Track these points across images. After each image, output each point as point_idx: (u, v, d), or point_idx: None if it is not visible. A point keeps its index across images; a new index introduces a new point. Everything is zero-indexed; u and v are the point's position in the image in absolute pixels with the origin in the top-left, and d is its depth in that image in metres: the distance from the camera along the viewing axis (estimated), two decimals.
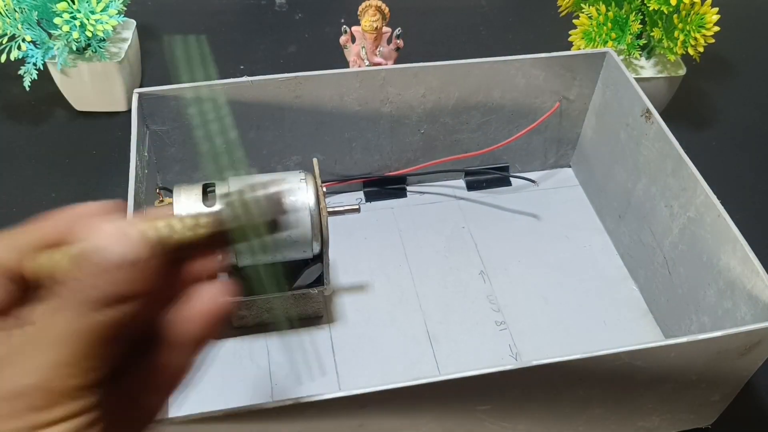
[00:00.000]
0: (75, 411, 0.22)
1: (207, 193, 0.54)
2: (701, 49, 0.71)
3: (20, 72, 0.71)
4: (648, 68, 0.76)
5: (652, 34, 0.74)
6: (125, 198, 0.49)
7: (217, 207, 0.34)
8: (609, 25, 0.73)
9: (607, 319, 0.61)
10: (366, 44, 0.76)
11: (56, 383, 0.21)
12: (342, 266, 0.64)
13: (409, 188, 0.71)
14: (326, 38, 0.88)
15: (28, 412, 0.21)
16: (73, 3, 0.69)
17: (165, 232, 0.24)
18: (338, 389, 0.55)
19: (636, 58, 0.77)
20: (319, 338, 0.58)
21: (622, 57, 0.70)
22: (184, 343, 0.26)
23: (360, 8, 0.75)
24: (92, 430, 0.22)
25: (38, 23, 0.70)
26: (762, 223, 0.70)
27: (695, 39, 0.71)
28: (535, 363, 0.41)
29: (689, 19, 0.70)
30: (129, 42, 0.75)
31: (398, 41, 0.79)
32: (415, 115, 0.65)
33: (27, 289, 0.24)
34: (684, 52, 0.72)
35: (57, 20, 0.68)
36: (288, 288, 0.55)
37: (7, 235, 0.24)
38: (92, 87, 0.75)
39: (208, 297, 0.26)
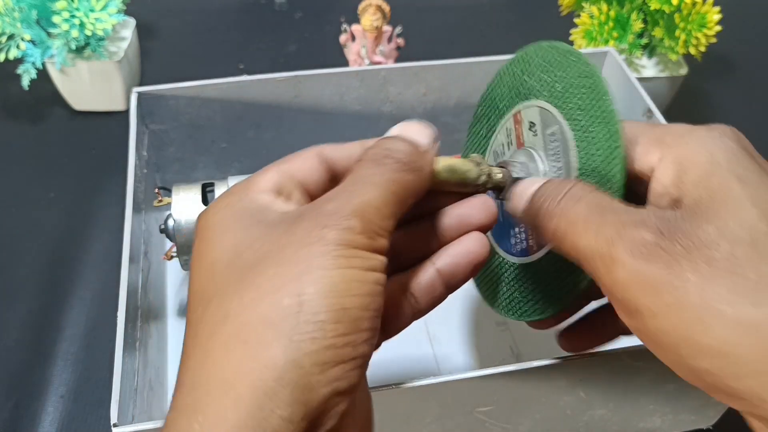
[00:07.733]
0: (378, 246, 0.27)
1: (206, 193, 0.53)
2: (703, 49, 0.71)
3: (19, 71, 0.71)
4: (650, 68, 0.76)
5: (653, 33, 0.73)
6: (124, 197, 0.48)
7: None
8: (610, 24, 0.72)
9: None
10: (366, 43, 0.76)
11: (369, 214, 0.27)
12: None
13: None
14: (326, 37, 0.88)
15: (349, 232, 0.26)
16: (73, 1, 0.68)
17: (451, 164, 0.36)
18: None
19: (638, 58, 0.76)
20: None
21: (623, 56, 0.69)
22: (444, 273, 0.33)
23: (360, 7, 0.75)
24: (382, 274, 0.27)
25: (37, 22, 0.70)
26: None
27: (697, 38, 0.70)
28: (536, 364, 0.40)
29: (691, 19, 0.70)
30: (128, 41, 0.75)
31: (399, 40, 0.79)
32: (416, 115, 0.65)
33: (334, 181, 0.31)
34: (686, 52, 0.72)
35: (56, 18, 0.68)
36: None
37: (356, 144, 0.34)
38: (91, 86, 0.75)
39: (475, 239, 0.33)
